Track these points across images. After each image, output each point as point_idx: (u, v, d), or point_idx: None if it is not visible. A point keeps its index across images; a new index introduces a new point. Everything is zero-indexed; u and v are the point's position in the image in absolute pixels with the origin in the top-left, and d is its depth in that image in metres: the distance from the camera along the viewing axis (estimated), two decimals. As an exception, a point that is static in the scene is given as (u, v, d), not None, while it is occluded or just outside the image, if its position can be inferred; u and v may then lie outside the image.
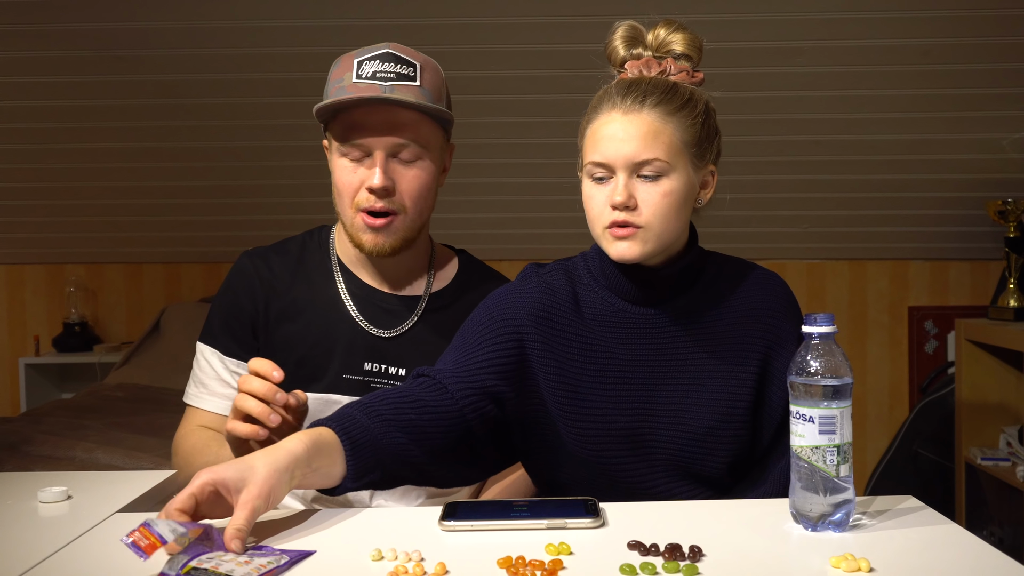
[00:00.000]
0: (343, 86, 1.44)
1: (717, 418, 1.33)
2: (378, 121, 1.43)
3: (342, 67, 1.47)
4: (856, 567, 0.97)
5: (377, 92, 1.41)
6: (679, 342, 1.34)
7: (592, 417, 1.33)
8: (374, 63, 1.43)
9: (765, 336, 1.35)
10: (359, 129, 1.43)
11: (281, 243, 1.62)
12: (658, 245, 1.28)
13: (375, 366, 1.52)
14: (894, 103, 3.19)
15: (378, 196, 1.45)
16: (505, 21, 2.93)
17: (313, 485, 1.16)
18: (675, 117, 1.27)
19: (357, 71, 1.43)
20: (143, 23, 3.01)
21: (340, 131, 1.46)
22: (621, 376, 1.33)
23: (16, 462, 2.50)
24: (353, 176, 1.46)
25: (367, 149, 1.44)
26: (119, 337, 4.17)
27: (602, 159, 1.27)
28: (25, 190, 3.75)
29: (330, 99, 1.44)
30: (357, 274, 1.57)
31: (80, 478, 1.45)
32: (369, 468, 1.19)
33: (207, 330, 1.59)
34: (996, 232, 3.49)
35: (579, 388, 1.33)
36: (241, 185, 3.71)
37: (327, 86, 1.49)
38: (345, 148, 1.45)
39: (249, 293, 1.56)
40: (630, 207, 1.26)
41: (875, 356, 3.90)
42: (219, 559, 0.98)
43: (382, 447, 1.20)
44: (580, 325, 1.35)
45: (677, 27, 1.34)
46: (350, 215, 1.48)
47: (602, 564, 1.01)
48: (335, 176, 1.49)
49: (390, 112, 1.43)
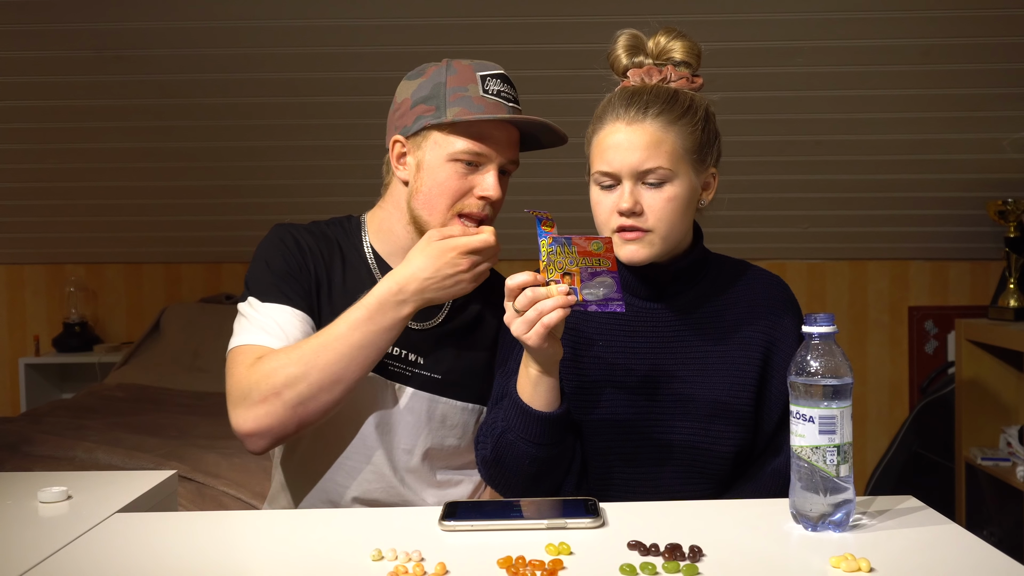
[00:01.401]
0: (469, 96, 1.48)
1: (720, 408, 1.36)
2: (505, 139, 1.51)
3: (461, 76, 1.50)
4: (856, 567, 0.97)
5: (505, 112, 1.49)
6: (684, 335, 1.39)
7: (600, 409, 1.38)
8: (496, 82, 1.52)
9: (767, 331, 1.40)
10: (487, 141, 1.49)
11: (313, 224, 1.61)
12: (665, 247, 1.34)
13: (397, 351, 1.53)
14: (894, 103, 3.19)
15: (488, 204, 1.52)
16: (505, 21, 2.93)
17: (549, 387, 1.31)
18: (676, 125, 1.32)
19: (483, 85, 1.50)
20: (143, 23, 3.01)
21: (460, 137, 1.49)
22: (628, 369, 1.38)
23: (16, 462, 2.50)
24: (463, 183, 1.50)
25: (487, 159, 1.50)
26: (119, 337, 4.17)
27: (608, 168, 1.32)
28: (25, 190, 3.75)
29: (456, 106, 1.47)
30: (392, 264, 1.57)
31: (80, 478, 1.44)
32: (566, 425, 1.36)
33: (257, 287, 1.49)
34: (996, 232, 3.49)
35: (588, 381, 1.39)
36: (241, 185, 3.71)
37: (440, 89, 1.50)
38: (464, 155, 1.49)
39: (305, 255, 1.54)
40: (636, 213, 1.31)
41: (875, 356, 3.90)
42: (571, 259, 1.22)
43: None
44: (588, 319, 1.40)
45: (676, 34, 1.38)
46: (444, 217, 1.51)
47: (602, 564, 1.01)
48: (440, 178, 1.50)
49: (513, 132, 1.53)
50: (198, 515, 1.33)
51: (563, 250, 1.22)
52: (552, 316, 1.22)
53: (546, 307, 1.22)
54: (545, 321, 1.22)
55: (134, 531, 1.18)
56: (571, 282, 1.23)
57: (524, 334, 1.24)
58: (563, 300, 1.23)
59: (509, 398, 1.36)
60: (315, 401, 1.38)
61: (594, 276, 1.22)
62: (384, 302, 1.39)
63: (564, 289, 1.23)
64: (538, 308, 1.23)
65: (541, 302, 1.23)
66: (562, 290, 1.23)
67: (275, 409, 1.37)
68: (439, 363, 1.55)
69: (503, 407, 1.38)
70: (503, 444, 1.36)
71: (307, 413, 1.38)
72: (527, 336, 1.24)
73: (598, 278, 1.22)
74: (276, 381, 1.37)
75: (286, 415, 1.37)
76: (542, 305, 1.22)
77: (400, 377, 1.53)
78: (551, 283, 1.24)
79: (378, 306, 1.39)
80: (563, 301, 1.23)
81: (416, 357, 1.54)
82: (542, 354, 1.27)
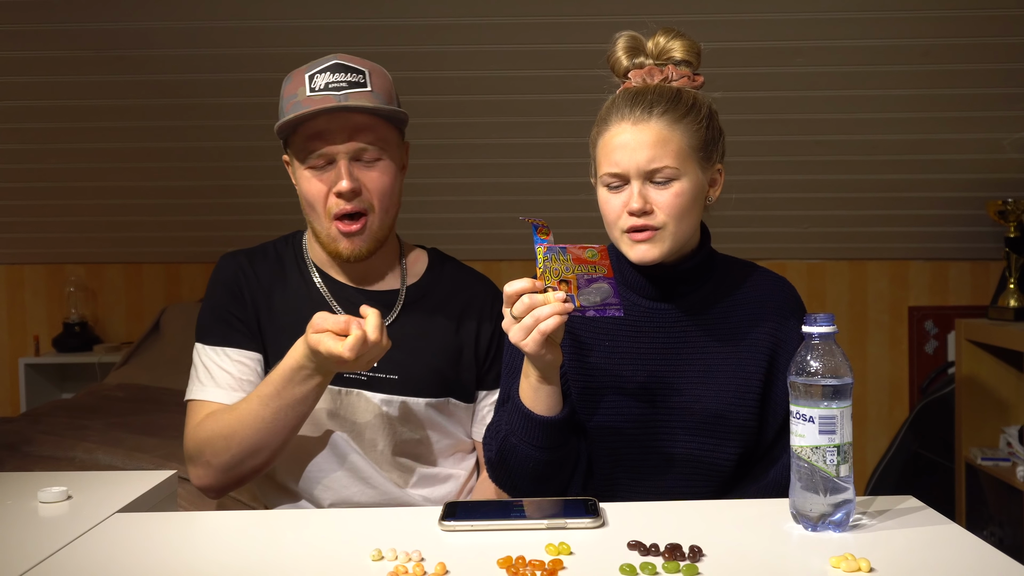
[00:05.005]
0: (298, 100, 1.49)
1: (726, 407, 1.37)
2: (338, 128, 1.48)
3: (294, 83, 1.52)
4: (856, 567, 0.97)
5: (333, 102, 1.46)
6: (691, 335, 1.40)
7: (606, 412, 1.38)
8: (325, 75, 1.49)
9: (772, 333, 1.40)
10: (321, 138, 1.49)
11: (260, 247, 1.65)
12: (674, 244, 1.34)
13: None
14: (894, 103, 3.19)
15: (347, 199, 1.49)
16: (504, 21, 2.93)
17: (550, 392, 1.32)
18: (681, 123, 1.32)
19: (310, 84, 1.49)
20: (143, 23, 3.01)
21: (302, 143, 1.51)
22: (636, 369, 1.39)
23: (16, 462, 2.50)
24: (320, 185, 1.50)
25: (330, 156, 1.49)
26: (119, 337, 4.17)
27: (616, 169, 1.32)
28: (25, 190, 3.75)
29: (288, 115, 1.49)
30: (332, 275, 1.60)
31: (80, 478, 1.45)
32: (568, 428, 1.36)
33: (203, 331, 1.60)
34: (996, 232, 3.49)
35: (593, 382, 1.39)
36: (241, 185, 3.71)
37: (281, 103, 1.54)
38: (310, 159, 1.50)
39: (242, 289, 1.58)
40: (646, 211, 1.32)
41: (875, 356, 3.89)
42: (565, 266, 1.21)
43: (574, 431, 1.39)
44: (592, 320, 1.40)
45: (675, 34, 1.38)
46: (325, 225, 1.53)
47: (602, 564, 1.01)
48: (303, 189, 1.53)
49: (348, 118, 1.48)
50: (198, 515, 1.33)
51: (559, 258, 1.22)
52: (549, 323, 1.22)
53: (543, 314, 1.22)
54: (542, 328, 1.22)
55: (134, 531, 1.18)
56: (568, 289, 1.23)
57: (521, 341, 1.24)
58: (560, 307, 1.22)
59: (512, 401, 1.36)
60: (243, 466, 1.46)
61: (591, 282, 1.22)
62: (289, 379, 1.42)
63: (561, 296, 1.23)
64: (535, 315, 1.22)
65: (538, 309, 1.22)
66: (559, 297, 1.23)
67: (211, 472, 1.48)
68: (395, 365, 1.54)
69: (507, 410, 1.38)
70: (507, 448, 1.36)
71: (240, 475, 1.47)
72: (524, 343, 1.24)
73: (595, 284, 1.22)
74: (208, 449, 1.47)
75: (220, 477, 1.48)
76: (539, 312, 1.22)
77: (356, 383, 1.54)
78: (549, 289, 1.24)
79: (284, 382, 1.42)
80: (560, 308, 1.22)
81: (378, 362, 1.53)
82: (541, 361, 1.27)
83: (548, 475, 1.36)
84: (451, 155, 3.39)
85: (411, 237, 1.74)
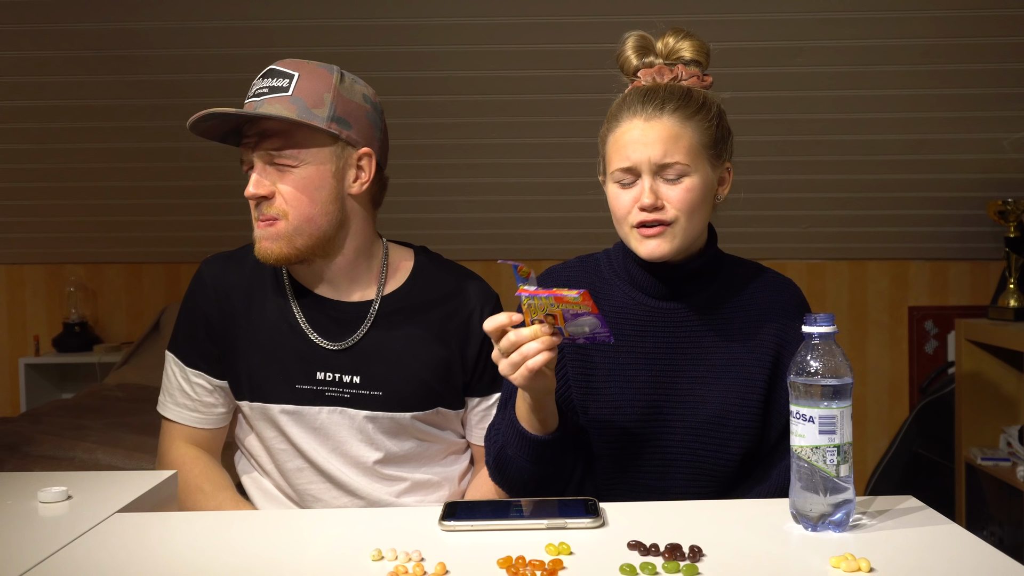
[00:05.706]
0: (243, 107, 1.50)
1: (729, 408, 1.37)
2: (252, 133, 1.50)
3: None
4: (856, 567, 0.97)
5: (251, 108, 1.47)
6: (696, 335, 1.40)
7: (610, 407, 1.38)
8: (258, 81, 1.51)
9: (777, 333, 1.40)
10: (243, 144, 1.52)
11: (241, 250, 1.64)
12: (684, 240, 1.34)
13: (328, 375, 1.53)
14: (894, 103, 3.19)
15: (255, 203, 1.51)
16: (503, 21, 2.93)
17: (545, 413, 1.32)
18: (692, 121, 1.33)
19: (250, 91, 1.51)
20: (143, 23, 3.01)
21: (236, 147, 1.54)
22: (639, 368, 1.39)
23: (16, 462, 2.50)
24: (248, 188, 1.52)
25: (249, 162, 1.52)
26: (119, 337, 4.17)
27: (628, 164, 1.33)
28: (25, 190, 3.75)
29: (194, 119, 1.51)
30: (306, 284, 1.57)
31: (80, 478, 1.44)
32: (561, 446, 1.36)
33: (173, 338, 1.63)
34: (996, 232, 3.49)
35: (598, 378, 1.39)
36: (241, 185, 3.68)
37: None
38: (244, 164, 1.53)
39: (208, 303, 1.58)
40: (657, 207, 1.32)
41: (875, 356, 3.89)
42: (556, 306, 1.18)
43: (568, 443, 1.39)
44: None
45: (685, 34, 1.39)
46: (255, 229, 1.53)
47: (602, 564, 1.01)
48: None
49: (257, 125, 1.49)
50: (198, 515, 1.33)
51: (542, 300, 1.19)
52: (536, 360, 1.21)
53: (530, 351, 1.21)
54: (530, 365, 1.21)
55: (134, 531, 1.18)
56: (555, 322, 1.21)
57: (510, 375, 1.23)
58: (548, 342, 1.21)
59: (508, 416, 1.36)
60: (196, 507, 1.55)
61: (577, 316, 1.19)
62: None
63: (547, 329, 1.21)
64: (522, 352, 1.21)
65: (525, 346, 1.21)
66: (546, 331, 1.21)
67: None
68: (375, 380, 1.53)
69: (504, 422, 1.38)
70: (503, 458, 1.38)
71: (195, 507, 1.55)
72: (513, 377, 1.23)
73: (581, 318, 1.19)
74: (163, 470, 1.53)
75: None
76: (526, 349, 1.21)
77: (339, 401, 1.52)
78: (535, 322, 1.22)
79: None
80: (548, 343, 1.21)
81: (350, 378, 1.52)
82: (533, 390, 1.27)
83: (545, 483, 1.37)
84: (451, 155, 3.38)
85: (412, 237, 1.73)
